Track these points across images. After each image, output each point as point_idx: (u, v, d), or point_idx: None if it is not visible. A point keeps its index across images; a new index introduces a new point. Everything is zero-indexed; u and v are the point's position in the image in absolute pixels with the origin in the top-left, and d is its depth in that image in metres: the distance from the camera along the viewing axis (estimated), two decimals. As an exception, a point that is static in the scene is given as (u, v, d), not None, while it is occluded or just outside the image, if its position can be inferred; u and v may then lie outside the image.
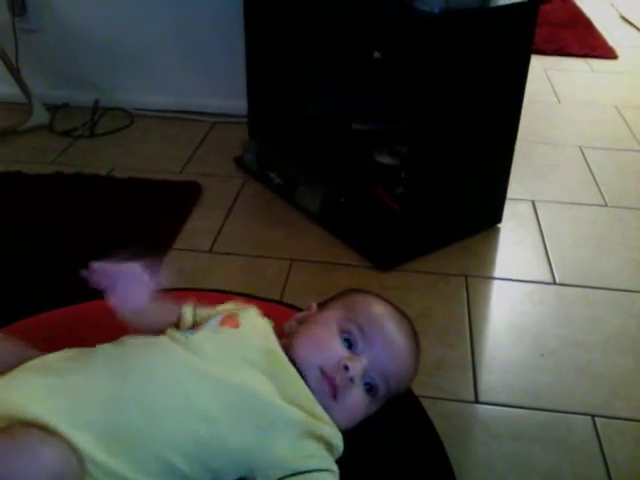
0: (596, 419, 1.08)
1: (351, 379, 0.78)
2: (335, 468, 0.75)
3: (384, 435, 0.86)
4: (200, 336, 0.79)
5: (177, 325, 0.84)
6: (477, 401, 1.11)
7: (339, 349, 0.80)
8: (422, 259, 1.47)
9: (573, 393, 1.13)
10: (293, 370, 0.78)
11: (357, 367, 0.78)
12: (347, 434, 0.79)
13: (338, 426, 0.78)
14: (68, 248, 1.45)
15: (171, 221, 1.58)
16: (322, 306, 0.89)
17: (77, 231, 1.52)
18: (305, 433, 0.74)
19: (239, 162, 1.85)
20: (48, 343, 0.81)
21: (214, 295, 1.03)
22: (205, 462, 0.71)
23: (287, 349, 0.81)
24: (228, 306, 0.89)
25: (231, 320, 0.82)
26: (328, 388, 0.78)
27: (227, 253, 1.48)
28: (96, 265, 0.75)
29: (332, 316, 0.84)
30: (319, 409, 0.77)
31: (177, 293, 0.91)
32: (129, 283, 0.75)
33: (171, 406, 0.71)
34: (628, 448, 1.03)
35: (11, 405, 0.69)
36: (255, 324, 0.84)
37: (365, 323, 0.82)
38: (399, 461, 0.85)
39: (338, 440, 0.77)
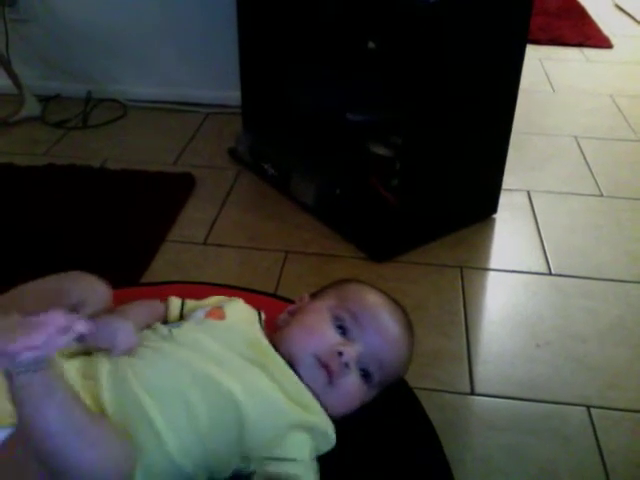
0: (591, 410, 1.08)
1: (346, 364, 0.78)
2: (306, 458, 0.74)
3: (378, 427, 0.86)
4: (185, 329, 0.78)
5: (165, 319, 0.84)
6: (473, 392, 1.11)
7: (332, 336, 0.80)
8: (417, 250, 1.46)
9: (569, 384, 1.13)
10: (280, 359, 0.77)
11: (351, 352, 0.78)
12: (341, 426, 0.79)
13: (334, 413, 0.78)
14: (61, 240, 1.44)
15: (165, 213, 1.57)
16: (314, 296, 0.89)
17: (70, 223, 1.51)
18: (292, 425, 0.74)
19: (233, 153, 1.84)
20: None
21: (208, 288, 1.02)
22: (206, 462, 0.71)
23: (279, 341, 0.81)
24: (215, 299, 0.88)
25: (216, 313, 0.82)
26: (324, 374, 0.77)
27: (221, 245, 1.48)
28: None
29: (324, 305, 0.84)
30: (309, 398, 0.76)
31: (168, 287, 0.91)
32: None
33: (170, 410, 0.70)
34: (623, 438, 1.03)
35: None
36: (240, 315, 0.83)
37: (358, 310, 0.82)
38: (394, 453, 0.84)
39: (329, 429, 0.77)
